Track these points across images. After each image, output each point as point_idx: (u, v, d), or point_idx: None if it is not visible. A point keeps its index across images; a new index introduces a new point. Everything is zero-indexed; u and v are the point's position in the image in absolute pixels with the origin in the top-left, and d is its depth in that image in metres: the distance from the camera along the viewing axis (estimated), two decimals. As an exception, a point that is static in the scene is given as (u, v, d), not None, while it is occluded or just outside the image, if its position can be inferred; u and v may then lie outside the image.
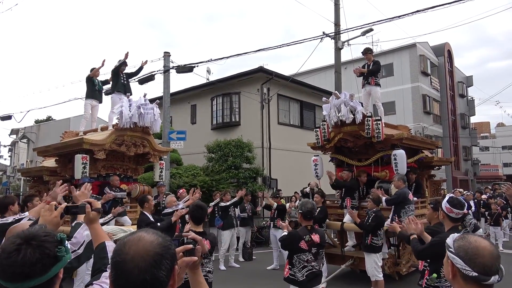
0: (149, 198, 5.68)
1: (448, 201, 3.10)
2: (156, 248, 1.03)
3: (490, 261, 1.32)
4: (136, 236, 1.06)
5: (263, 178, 13.84)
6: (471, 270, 1.31)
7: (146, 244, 1.03)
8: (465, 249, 1.35)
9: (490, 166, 39.84)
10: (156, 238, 1.06)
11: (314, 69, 27.55)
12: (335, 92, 7.22)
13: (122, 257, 1.01)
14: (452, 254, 1.37)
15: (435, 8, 8.92)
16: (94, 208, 1.83)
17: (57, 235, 1.15)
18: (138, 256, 1.00)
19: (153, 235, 1.07)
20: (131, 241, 1.04)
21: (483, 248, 1.34)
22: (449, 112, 29.33)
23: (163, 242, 1.06)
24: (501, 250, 10.22)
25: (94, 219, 1.82)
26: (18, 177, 27.09)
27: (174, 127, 15.07)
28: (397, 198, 5.99)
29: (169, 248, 1.06)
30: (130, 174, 8.09)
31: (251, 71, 14.61)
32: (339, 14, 12.11)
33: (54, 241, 1.13)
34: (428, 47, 28.26)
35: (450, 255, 1.38)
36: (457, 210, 3.03)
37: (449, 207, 3.04)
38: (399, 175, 6.36)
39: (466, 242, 1.37)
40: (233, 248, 8.78)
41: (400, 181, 6.08)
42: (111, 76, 8.42)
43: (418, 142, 7.69)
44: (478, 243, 1.36)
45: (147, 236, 1.06)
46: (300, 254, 3.66)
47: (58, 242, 1.14)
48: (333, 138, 7.33)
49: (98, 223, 1.84)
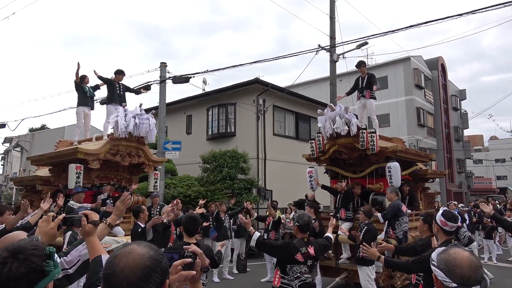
0: (144, 209, 5.66)
1: (442, 214, 3.11)
2: (147, 261, 1.02)
3: (469, 271, 1.32)
4: (127, 249, 1.06)
5: (258, 189, 13.80)
6: (451, 281, 1.32)
7: (136, 257, 1.03)
8: (445, 261, 1.37)
9: (484, 179, 40.10)
10: (147, 251, 1.05)
11: (309, 81, 27.79)
12: (330, 104, 7.30)
13: (112, 269, 1.01)
14: (434, 266, 1.40)
15: (428, 24, 9.09)
16: (91, 220, 1.78)
17: (46, 248, 1.13)
18: (128, 269, 1.00)
19: (145, 248, 1.06)
20: (122, 254, 1.04)
21: (461, 259, 1.35)
22: (442, 125, 29.61)
23: (155, 255, 1.05)
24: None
25: (90, 232, 1.77)
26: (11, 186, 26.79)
27: (170, 137, 15.06)
28: (392, 211, 5.99)
29: (160, 262, 1.05)
30: (124, 184, 8.04)
31: (247, 82, 14.70)
32: (334, 27, 12.29)
33: (42, 255, 1.10)
34: (422, 60, 28.67)
35: (433, 268, 1.41)
36: (451, 224, 3.03)
37: (444, 220, 3.05)
38: (392, 187, 6.39)
39: (446, 254, 1.39)
40: (227, 260, 8.70)
41: (392, 194, 6.09)
42: (103, 83, 8.41)
43: (412, 154, 7.74)
44: (456, 255, 1.38)
45: (138, 249, 1.05)
46: (294, 266, 3.63)
47: (46, 256, 1.11)
48: (328, 150, 7.36)
49: (94, 236, 1.79)
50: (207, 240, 8.77)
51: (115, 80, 8.35)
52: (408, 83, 26.49)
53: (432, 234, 3.52)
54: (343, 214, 6.85)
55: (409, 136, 24.56)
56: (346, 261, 6.95)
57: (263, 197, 13.75)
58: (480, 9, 8.35)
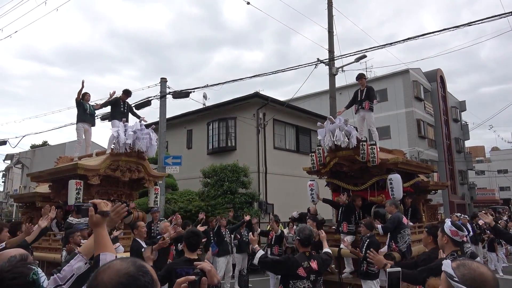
0: (138, 225, 5.56)
1: (452, 224, 3.08)
2: (121, 277, 0.98)
3: (494, 287, 1.31)
4: (107, 264, 1.04)
5: (259, 203, 13.71)
6: None
7: (112, 272, 1.00)
8: (472, 277, 1.31)
9: (487, 190, 39.83)
10: (125, 267, 1.01)
11: (309, 94, 27.94)
12: (329, 117, 7.28)
13: (90, 284, 1.00)
14: (459, 284, 1.32)
15: (426, 36, 9.17)
16: (99, 211, 1.66)
17: (30, 275, 1.08)
18: (102, 284, 0.98)
19: (125, 264, 1.02)
20: (101, 269, 1.02)
21: (487, 274, 1.32)
22: (443, 136, 29.59)
23: (133, 272, 1.00)
24: (501, 276, 10.05)
25: (98, 223, 1.65)
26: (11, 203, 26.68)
27: (170, 152, 15.05)
28: (392, 224, 5.91)
29: (137, 279, 1.00)
30: (124, 200, 7.99)
31: (247, 96, 14.78)
32: (333, 41, 12.40)
33: (23, 283, 1.06)
34: (420, 73, 28.85)
35: (457, 285, 1.33)
36: (462, 233, 3.03)
37: (455, 229, 3.01)
38: (391, 200, 6.33)
39: (471, 270, 1.33)
40: (228, 276, 8.57)
41: (392, 206, 6.02)
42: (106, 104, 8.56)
43: (413, 166, 7.70)
44: (481, 270, 1.33)
45: (117, 264, 1.03)
46: (297, 281, 3.56)
47: (29, 284, 1.07)
48: (328, 162, 7.32)
49: (103, 228, 1.66)
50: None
51: (121, 99, 8.51)
52: (407, 96, 26.59)
53: (437, 246, 3.47)
54: (345, 228, 6.77)
55: (410, 148, 24.52)
56: (349, 276, 6.83)
57: (264, 211, 13.64)
58: (477, 21, 8.45)
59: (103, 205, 1.69)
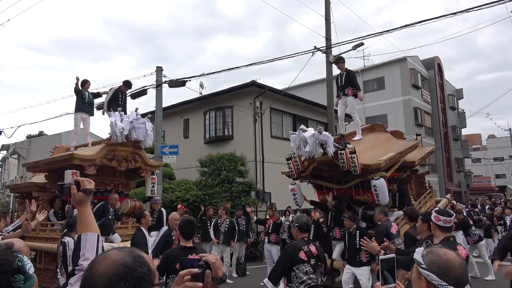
0: (146, 214, 5.51)
1: (435, 211, 3.19)
2: (118, 268, 0.96)
3: (462, 272, 1.35)
4: (104, 254, 1.01)
5: (256, 192, 13.75)
6: (447, 284, 1.32)
7: (108, 262, 0.97)
8: (438, 263, 1.36)
9: (483, 177, 40.15)
10: (122, 258, 0.98)
11: (306, 83, 27.80)
12: (302, 127, 6.61)
13: (86, 274, 0.98)
14: (425, 270, 1.37)
15: (423, 23, 9.09)
16: (82, 188, 1.59)
17: (15, 261, 1.06)
18: (98, 275, 0.96)
19: (122, 254, 1.00)
20: (98, 259, 1.00)
21: (453, 260, 1.36)
22: (440, 124, 29.67)
23: (130, 262, 0.98)
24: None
25: (82, 201, 1.58)
26: (8, 193, 26.66)
27: (167, 142, 15.01)
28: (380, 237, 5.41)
29: (134, 270, 0.97)
30: (121, 190, 7.98)
31: (244, 85, 14.68)
32: (330, 29, 12.28)
33: (8, 270, 1.04)
34: (418, 60, 28.74)
35: (424, 272, 1.38)
36: (444, 218, 3.06)
37: (436, 215, 3.11)
38: (381, 208, 5.89)
39: (437, 256, 1.38)
40: (226, 264, 8.64)
41: (381, 214, 5.65)
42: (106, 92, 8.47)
43: (398, 157, 6.91)
44: (447, 256, 1.38)
45: (114, 254, 1.00)
46: (299, 266, 3.60)
47: (14, 270, 1.05)
48: (307, 167, 6.65)
49: (87, 206, 1.59)
50: (205, 244, 8.70)
51: (120, 90, 8.42)
52: (405, 83, 26.54)
53: (431, 233, 3.52)
54: (338, 234, 6.37)
55: (408, 136, 24.55)
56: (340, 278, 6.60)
57: (261, 199, 13.69)
58: (475, 7, 8.36)
59: (86, 182, 1.62)
